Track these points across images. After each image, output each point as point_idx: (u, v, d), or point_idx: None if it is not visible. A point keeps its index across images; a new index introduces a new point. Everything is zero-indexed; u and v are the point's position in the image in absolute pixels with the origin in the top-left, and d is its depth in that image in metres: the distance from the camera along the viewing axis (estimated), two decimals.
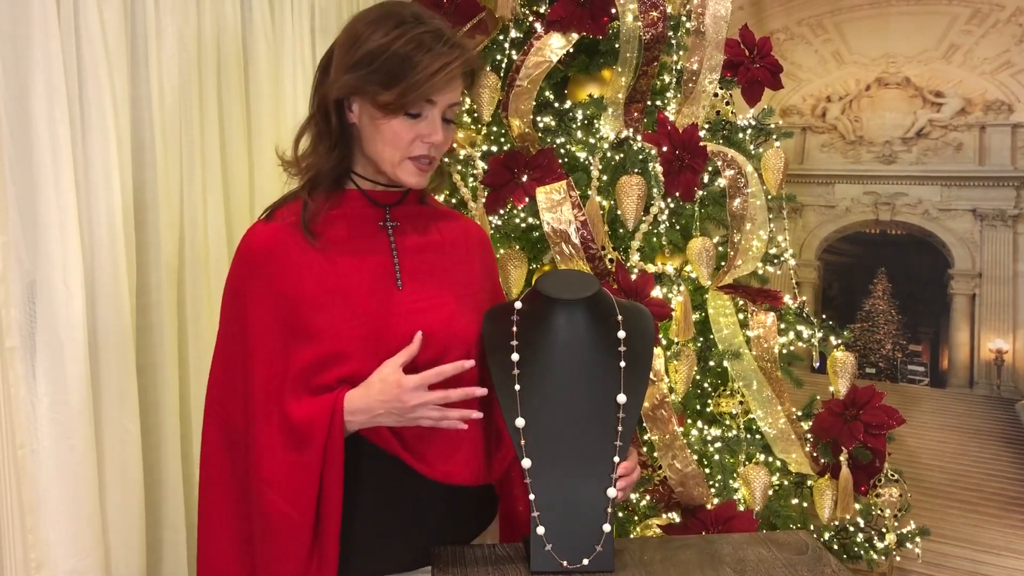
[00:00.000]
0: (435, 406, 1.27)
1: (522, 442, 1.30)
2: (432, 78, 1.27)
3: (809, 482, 2.15)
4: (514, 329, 1.35)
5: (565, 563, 1.28)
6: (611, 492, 1.30)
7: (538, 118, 2.08)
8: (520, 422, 1.30)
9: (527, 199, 1.94)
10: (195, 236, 2.04)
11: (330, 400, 1.28)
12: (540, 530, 1.28)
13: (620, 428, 1.32)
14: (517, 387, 1.32)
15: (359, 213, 1.40)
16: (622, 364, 1.34)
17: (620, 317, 1.37)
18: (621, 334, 1.35)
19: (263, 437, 1.31)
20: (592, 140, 2.06)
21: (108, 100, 1.81)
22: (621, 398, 1.32)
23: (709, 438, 2.07)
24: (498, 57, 2.07)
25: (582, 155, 2.05)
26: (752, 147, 2.29)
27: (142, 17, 1.91)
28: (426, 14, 1.33)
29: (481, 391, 1.30)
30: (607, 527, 1.29)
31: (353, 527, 1.32)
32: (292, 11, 2.23)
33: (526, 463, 1.29)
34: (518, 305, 1.38)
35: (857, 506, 2.16)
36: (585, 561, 1.28)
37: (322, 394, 1.30)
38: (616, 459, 1.31)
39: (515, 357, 1.33)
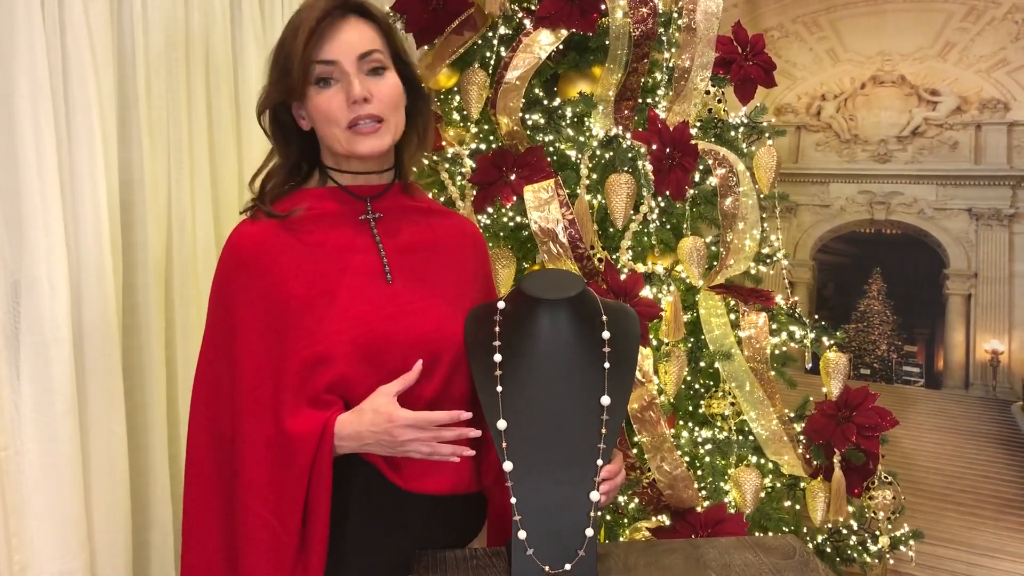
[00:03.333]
0: (425, 441, 1.27)
1: (504, 445, 1.28)
2: (308, 36, 1.29)
3: (802, 484, 2.13)
4: (497, 329, 1.33)
5: (547, 568, 1.26)
6: (594, 496, 1.28)
7: (527, 115, 2.06)
8: (502, 424, 1.28)
9: (515, 198, 1.92)
10: (183, 236, 2.02)
11: (321, 422, 1.26)
12: (521, 534, 1.26)
13: (604, 430, 1.30)
14: (499, 389, 1.30)
15: (340, 208, 1.38)
16: (606, 365, 1.32)
17: (605, 317, 1.35)
18: (606, 335, 1.33)
19: (250, 445, 1.29)
20: (582, 138, 2.04)
21: (94, 98, 1.79)
22: (605, 400, 1.30)
23: (700, 439, 2.06)
24: (487, 54, 2.05)
25: (571, 153, 2.04)
26: (744, 145, 2.27)
27: (128, 13, 1.89)
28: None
29: (467, 415, 1.28)
30: (590, 531, 1.27)
31: (336, 534, 1.30)
32: (282, 6, 2.21)
33: (508, 466, 1.27)
34: (501, 305, 1.36)
35: (850, 509, 2.14)
36: (567, 566, 1.26)
37: (316, 401, 1.28)
38: (599, 462, 1.29)
39: (497, 358, 1.31)
